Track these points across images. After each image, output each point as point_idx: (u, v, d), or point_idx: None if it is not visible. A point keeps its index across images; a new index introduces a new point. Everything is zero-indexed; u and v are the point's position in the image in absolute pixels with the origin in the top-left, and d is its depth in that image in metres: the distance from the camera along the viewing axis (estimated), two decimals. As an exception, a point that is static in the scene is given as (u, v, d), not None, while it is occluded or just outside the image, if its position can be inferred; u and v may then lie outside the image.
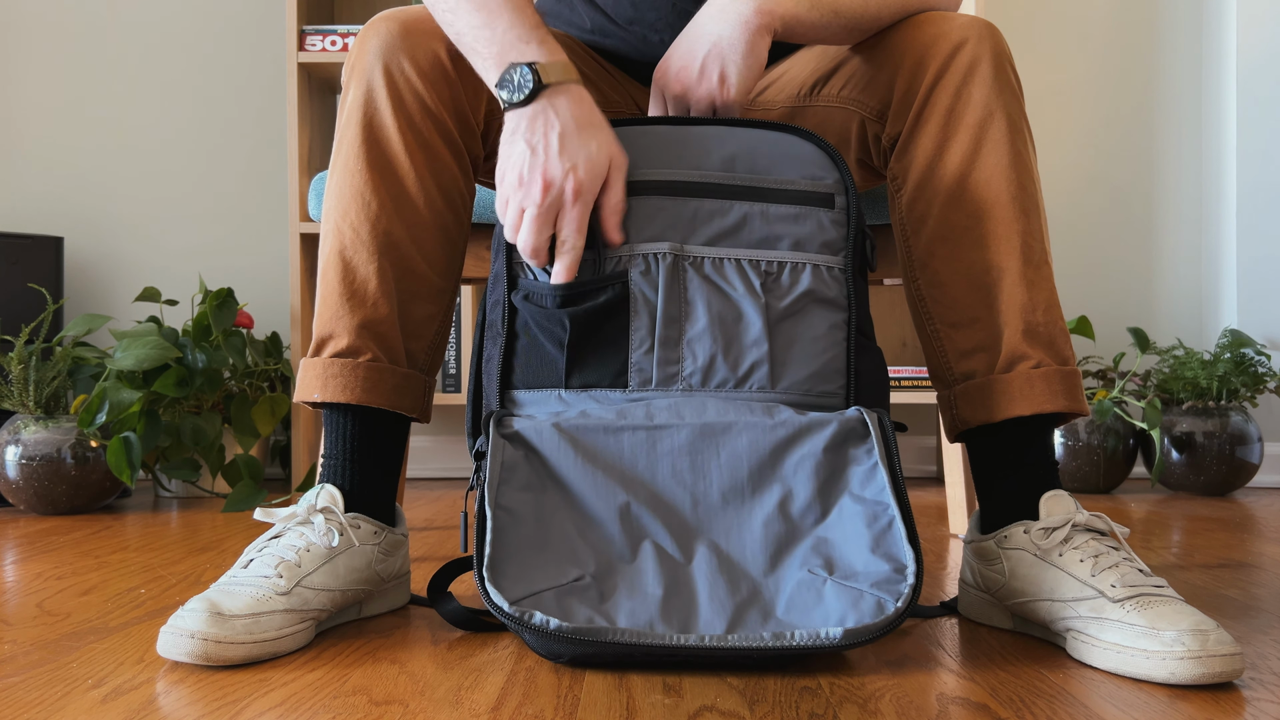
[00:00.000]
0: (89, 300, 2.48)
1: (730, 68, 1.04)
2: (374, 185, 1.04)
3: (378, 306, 1.04)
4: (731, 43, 1.03)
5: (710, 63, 1.04)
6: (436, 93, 1.05)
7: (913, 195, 1.08)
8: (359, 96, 1.05)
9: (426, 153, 1.05)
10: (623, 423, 0.96)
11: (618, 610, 0.86)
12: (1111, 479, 2.21)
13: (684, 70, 1.05)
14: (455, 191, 1.08)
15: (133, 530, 1.69)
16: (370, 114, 1.05)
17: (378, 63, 1.04)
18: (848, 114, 1.15)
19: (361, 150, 1.05)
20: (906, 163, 1.09)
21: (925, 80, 1.06)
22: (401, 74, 1.04)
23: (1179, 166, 2.47)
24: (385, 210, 1.04)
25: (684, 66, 1.05)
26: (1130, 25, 2.48)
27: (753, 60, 1.04)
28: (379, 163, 1.05)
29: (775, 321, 1.01)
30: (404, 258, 1.06)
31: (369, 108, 1.05)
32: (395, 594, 1.10)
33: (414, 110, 1.05)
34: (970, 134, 1.05)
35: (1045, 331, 1.04)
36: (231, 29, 2.47)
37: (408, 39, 1.04)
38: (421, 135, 1.05)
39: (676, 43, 1.07)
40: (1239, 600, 1.17)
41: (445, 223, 1.08)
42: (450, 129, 1.07)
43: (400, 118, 1.04)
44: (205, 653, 0.87)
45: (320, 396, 1.04)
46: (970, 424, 1.06)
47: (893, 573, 0.89)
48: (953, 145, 1.06)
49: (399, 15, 1.06)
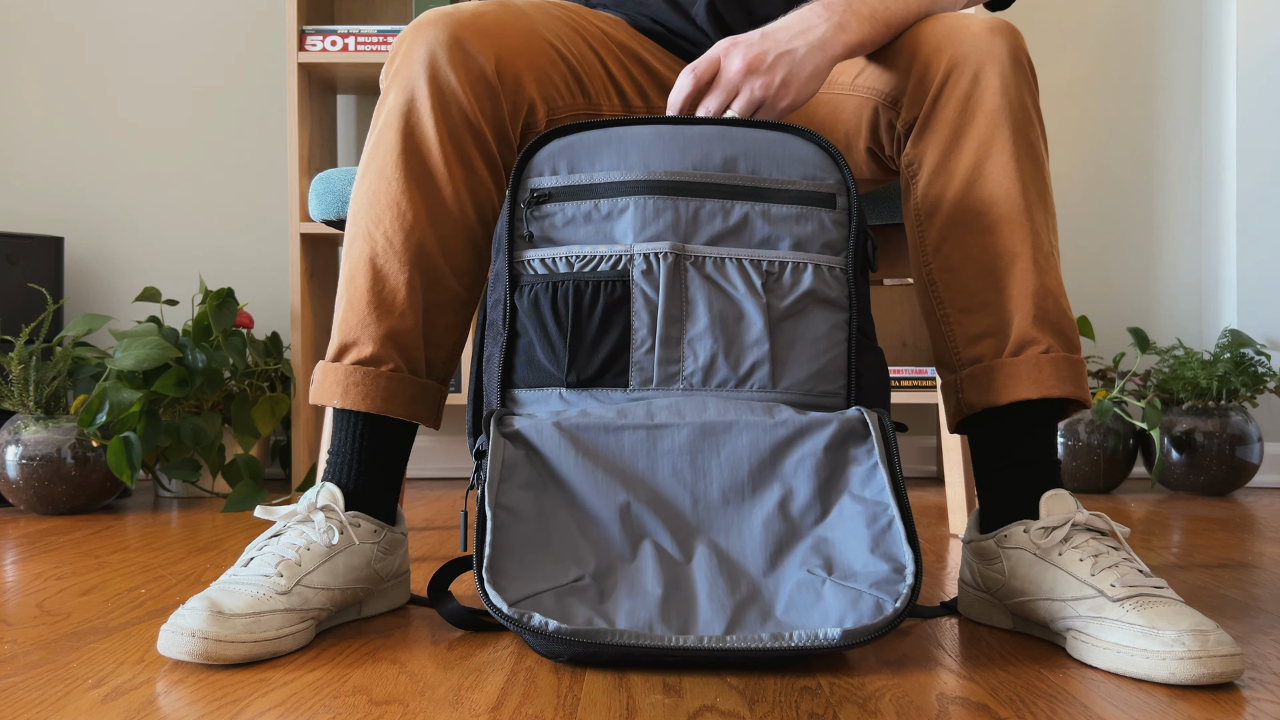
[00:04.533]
0: (89, 300, 2.48)
1: (794, 79, 1.05)
2: (410, 195, 1.05)
3: (404, 317, 1.05)
4: (804, 60, 1.05)
5: (781, 66, 1.05)
6: (480, 105, 1.05)
7: (928, 181, 1.09)
8: (400, 101, 1.05)
9: (465, 166, 1.06)
10: (623, 421, 0.96)
11: (617, 610, 0.86)
12: (1111, 479, 2.21)
13: (756, 57, 1.05)
14: (488, 205, 1.09)
15: (133, 530, 1.69)
16: (413, 123, 1.05)
17: (423, 68, 1.04)
18: (861, 101, 1.16)
19: (400, 158, 1.05)
20: (922, 148, 1.09)
21: (942, 67, 1.07)
22: (449, 85, 1.04)
23: (1179, 166, 2.47)
24: (420, 221, 1.05)
25: (757, 54, 1.05)
26: (1130, 25, 2.48)
27: (814, 84, 1.07)
28: (418, 172, 1.05)
29: (776, 321, 1.01)
30: (433, 269, 1.06)
31: (411, 117, 1.05)
32: (395, 593, 1.10)
33: (457, 121, 1.05)
34: (988, 122, 1.06)
35: (1055, 318, 1.05)
36: (231, 29, 2.47)
37: (456, 50, 1.04)
38: (462, 148, 1.06)
39: (753, 33, 1.07)
40: (1239, 600, 1.17)
41: (475, 236, 1.09)
42: (489, 142, 1.07)
43: (442, 129, 1.04)
44: (206, 651, 0.87)
45: (340, 403, 1.04)
46: (975, 408, 1.06)
47: (892, 573, 0.89)
48: (970, 133, 1.06)
49: (447, 20, 1.06)
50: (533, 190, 1.03)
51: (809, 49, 1.05)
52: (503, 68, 1.06)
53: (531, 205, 1.03)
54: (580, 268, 1.01)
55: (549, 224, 1.03)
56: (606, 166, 1.02)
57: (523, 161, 1.04)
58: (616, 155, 1.02)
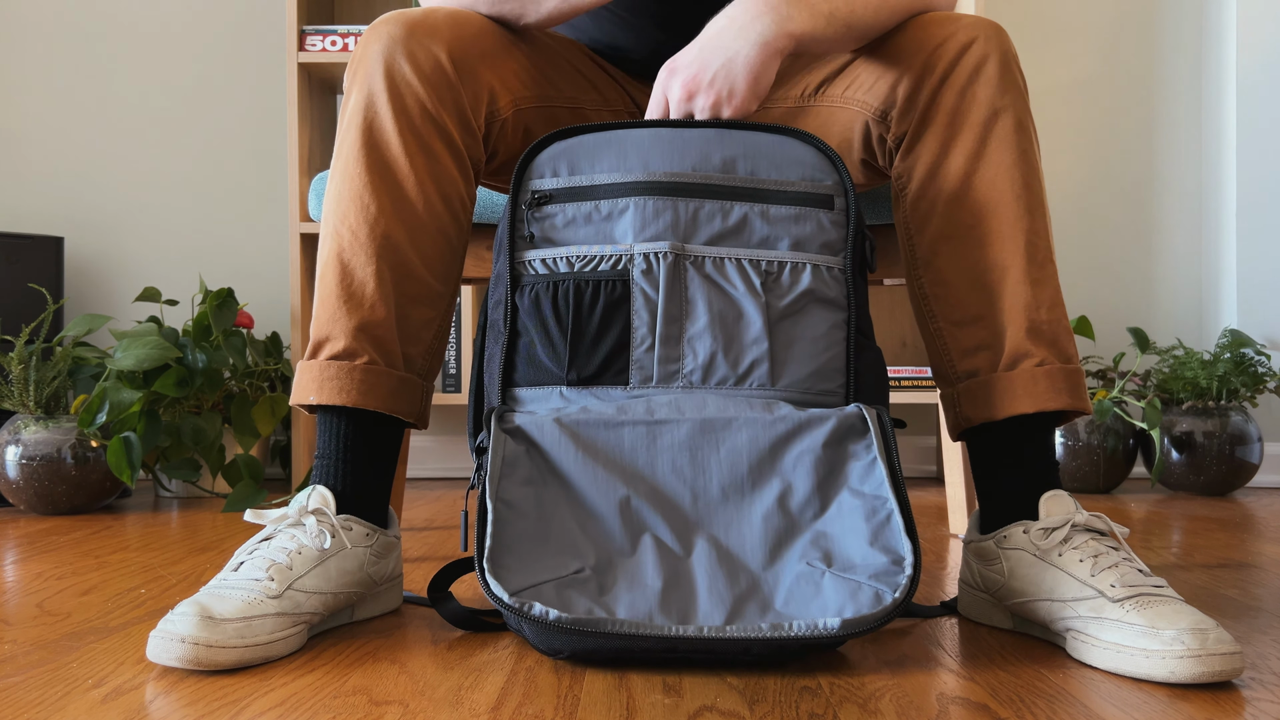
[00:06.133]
0: (89, 300, 2.48)
1: (739, 85, 1.03)
2: (373, 188, 1.04)
3: (375, 309, 1.04)
4: (746, 61, 1.03)
5: (720, 77, 1.03)
6: (438, 96, 1.05)
7: (917, 194, 1.09)
8: (360, 99, 1.05)
9: (427, 156, 1.05)
10: (623, 418, 0.97)
11: (617, 602, 0.86)
12: (1111, 479, 2.21)
13: (693, 78, 1.04)
14: (455, 196, 1.08)
15: (133, 530, 1.69)
16: (370, 117, 1.05)
17: (379, 65, 1.05)
18: (851, 114, 1.15)
19: (361, 153, 1.05)
20: (911, 162, 1.09)
21: (931, 81, 1.06)
22: (402, 77, 1.04)
23: (1179, 166, 2.47)
24: (384, 213, 1.04)
25: (694, 74, 1.04)
26: (1130, 25, 2.48)
27: (762, 82, 1.04)
28: (378, 166, 1.05)
29: (775, 320, 1.01)
30: (403, 261, 1.06)
31: (369, 111, 1.05)
32: (388, 597, 1.10)
33: (415, 113, 1.05)
34: (975, 133, 1.05)
35: (1049, 329, 1.04)
36: (231, 29, 2.47)
37: (409, 41, 1.04)
38: (422, 139, 1.05)
39: (689, 47, 1.06)
40: (1239, 600, 1.17)
41: (445, 227, 1.08)
42: (451, 132, 1.06)
43: (400, 121, 1.04)
44: (196, 657, 0.86)
45: (316, 399, 1.03)
46: (973, 422, 1.06)
47: (890, 564, 0.89)
48: (958, 144, 1.06)
49: (401, 17, 1.06)
50: (533, 192, 1.04)
51: (751, 47, 1.03)
52: (457, 57, 1.06)
53: (532, 206, 1.03)
54: (581, 267, 1.01)
55: (550, 225, 1.03)
56: (606, 168, 1.02)
57: (524, 164, 1.04)
58: (616, 157, 1.02)
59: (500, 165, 1.17)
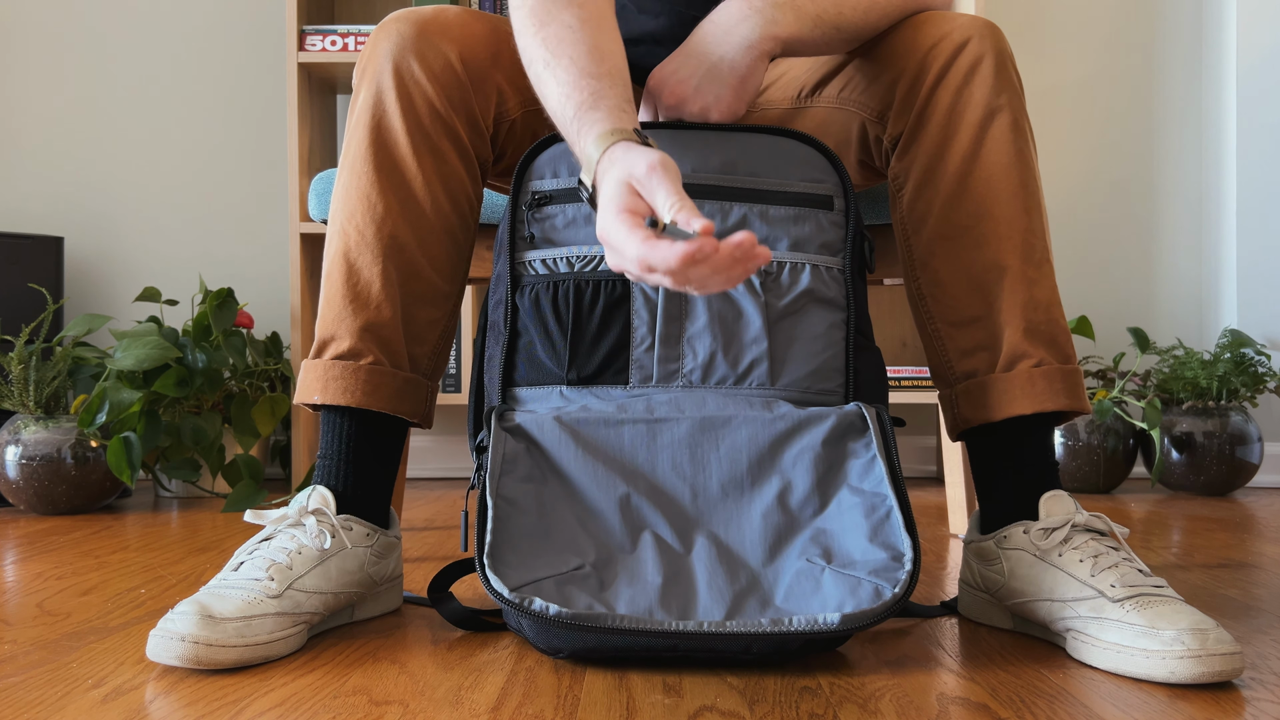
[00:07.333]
0: (89, 300, 2.48)
1: (726, 90, 1.04)
2: (380, 188, 1.04)
3: (381, 309, 1.04)
4: (732, 66, 1.03)
5: (707, 83, 1.04)
6: (447, 96, 1.05)
7: (914, 195, 1.08)
8: (369, 98, 1.05)
9: (434, 157, 1.05)
10: (623, 416, 0.97)
11: (617, 598, 0.86)
12: (1111, 479, 2.21)
13: (680, 84, 1.05)
14: (463, 196, 1.08)
15: (133, 530, 1.69)
16: (379, 116, 1.05)
17: (388, 65, 1.04)
18: (848, 115, 1.15)
19: (369, 153, 1.05)
20: (908, 162, 1.09)
21: (927, 81, 1.06)
22: (411, 77, 1.04)
23: (1179, 166, 2.47)
24: (391, 213, 1.04)
25: (681, 81, 1.05)
26: (1130, 25, 2.48)
27: (750, 86, 1.04)
28: (386, 165, 1.05)
29: (775, 320, 1.01)
30: (409, 261, 1.05)
31: (378, 110, 1.05)
32: (388, 597, 1.10)
33: (423, 113, 1.04)
34: (971, 133, 1.05)
35: (1046, 330, 1.04)
36: (231, 29, 2.47)
37: (419, 41, 1.04)
38: (430, 139, 1.05)
39: (676, 54, 1.06)
40: (1239, 600, 1.17)
41: (452, 227, 1.08)
42: (460, 133, 1.06)
43: (409, 121, 1.04)
44: (196, 656, 0.86)
45: (320, 399, 1.03)
46: (972, 423, 1.06)
47: (890, 560, 0.89)
48: (954, 145, 1.05)
49: (412, 16, 1.06)
50: (534, 193, 1.04)
51: (736, 52, 1.03)
52: (468, 58, 1.05)
53: (533, 207, 1.04)
54: (581, 267, 1.01)
55: (550, 225, 1.03)
56: None
57: (524, 165, 1.04)
58: None
59: (507, 166, 1.17)
